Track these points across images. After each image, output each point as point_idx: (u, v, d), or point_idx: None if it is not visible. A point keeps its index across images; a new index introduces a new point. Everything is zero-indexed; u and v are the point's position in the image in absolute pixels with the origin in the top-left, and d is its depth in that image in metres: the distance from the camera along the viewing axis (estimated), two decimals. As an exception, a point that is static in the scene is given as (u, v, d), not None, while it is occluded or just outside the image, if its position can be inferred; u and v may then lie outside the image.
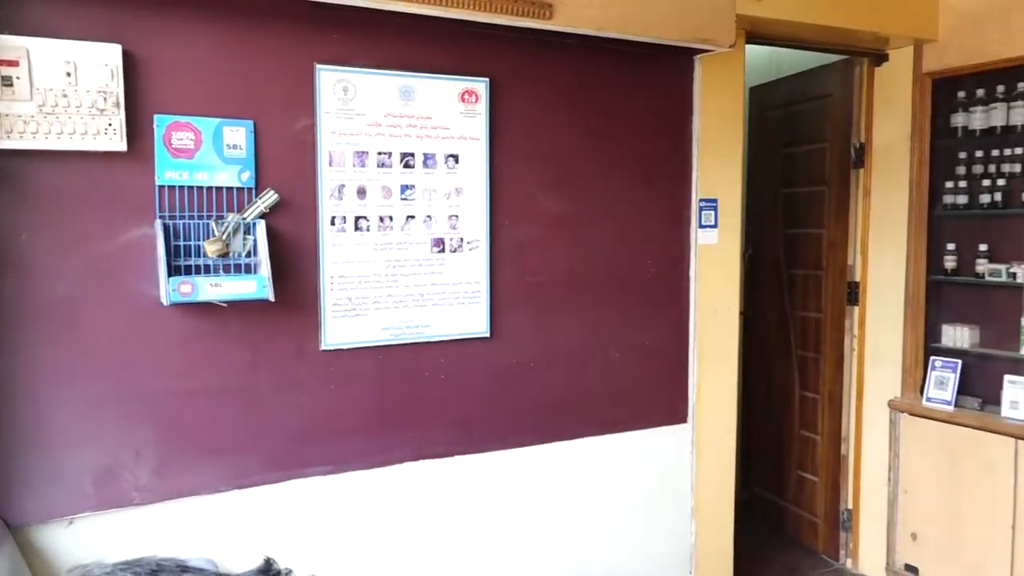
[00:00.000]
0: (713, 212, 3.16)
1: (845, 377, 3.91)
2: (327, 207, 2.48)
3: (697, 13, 2.77)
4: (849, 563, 3.95)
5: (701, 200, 3.13)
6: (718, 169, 3.17)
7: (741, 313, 4.57)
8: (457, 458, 2.75)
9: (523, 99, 2.78)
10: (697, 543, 3.24)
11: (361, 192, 2.52)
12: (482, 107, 2.68)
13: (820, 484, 4.07)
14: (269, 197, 2.37)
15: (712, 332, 3.21)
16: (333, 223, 2.49)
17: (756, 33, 3.28)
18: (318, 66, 2.44)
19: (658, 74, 3.03)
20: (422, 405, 2.67)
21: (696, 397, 3.19)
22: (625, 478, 3.06)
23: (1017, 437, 3.14)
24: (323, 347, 2.49)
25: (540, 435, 2.89)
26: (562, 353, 2.91)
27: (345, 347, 2.53)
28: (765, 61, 4.49)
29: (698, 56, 3.05)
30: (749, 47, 3.38)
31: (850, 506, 3.92)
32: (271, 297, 2.30)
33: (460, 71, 2.65)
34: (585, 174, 2.92)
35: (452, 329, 2.70)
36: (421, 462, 2.68)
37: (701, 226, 3.13)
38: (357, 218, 2.52)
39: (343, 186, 2.49)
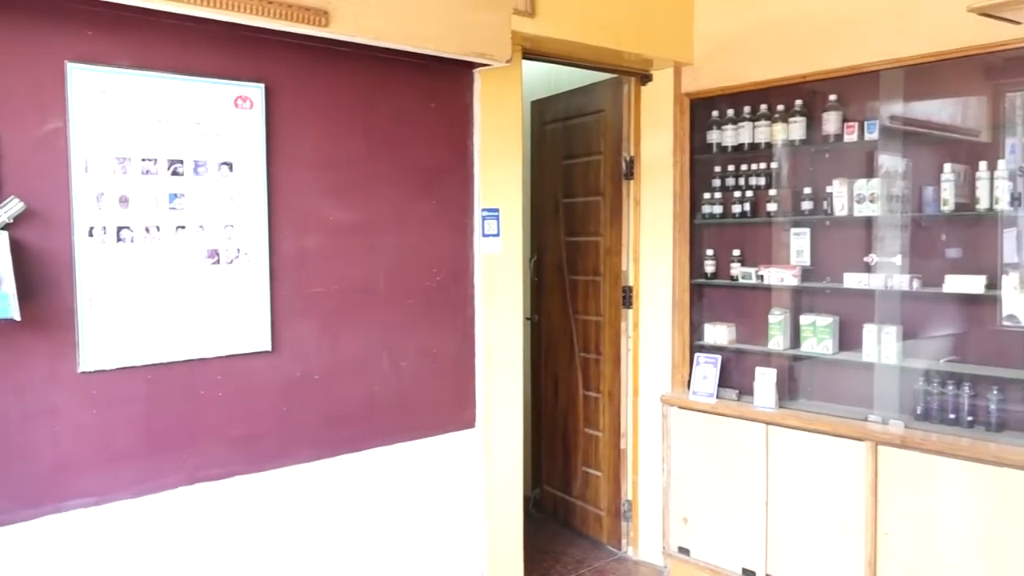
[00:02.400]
0: (496, 221, 3.25)
1: (623, 376, 4.17)
2: (83, 217, 2.28)
3: (474, 29, 2.85)
4: (631, 550, 4.20)
5: (484, 210, 3.21)
6: (499, 179, 3.27)
7: (528, 318, 4.76)
8: (238, 479, 2.63)
9: (304, 106, 2.72)
10: (489, 544, 3.31)
11: (123, 200, 2.35)
12: (258, 113, 2.59)
13: (603, 478, 4.30)
14: (13, 206, 2.15)
15: (498, 338, 3.30)
16: (91, 234, 2.30)
17: (533, 50, 3.43)
18: (70, 65, 2.24)
19: (440, 86, 3.08)
20: (198, 426, 2.53)
21: (484, 402, 3.26)
22: (416, 485, 3.07)
23: (767, 423, 3.49)
24: (81, 369, 2.29)
25: (328, 448, 2.84)
26: (349, 364, 2.87)
27: (108, 368, 2.34)
28: (545, 76, 4.70)
29: (477, 70, 3.13)
30: (528, 63, 3.52)
31: (630, 497, 4.18)
32: (16, 316, 2.08)
33: (233, 75, 2.55)
34: (370, 183, 2.91)
35: (230, 344, 2.58)
36: (197, 486, 2.54)
37: (484, 235, 3.21)
38: (119, 228, 2.35)
39: (102, 194, 2.31)
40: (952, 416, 3.11)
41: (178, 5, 2.21)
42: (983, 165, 3.02)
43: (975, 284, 3.04)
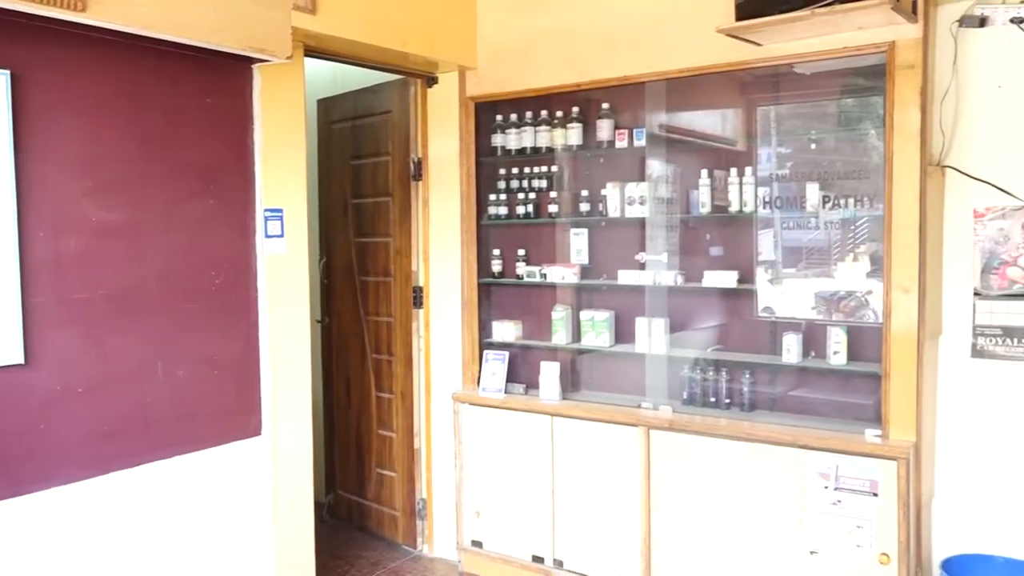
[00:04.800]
0: (279, 222, 3.16)
1: (415, 376, 4.19)
2: None
3: (252, 22, 2.75)
4: (426, 548, 4.24)
5: (266, 210, 3.11)
6: (283, 179, 3.17)
7: (318, 321, 4.66)
8: (-13, 507, 2.37)
9: (63, 99, 2.50)
10: (278, 555, 3.21)
11: None
12: (1, 103, 2.35)
13: (398, 478, 4.30)
14: None
15: (284, 342, 3.21)
16: None
17: (316, 48, 3.36)
18: None
19: (217, 81, 2.94)
20: (-65, 451, 2.26)
21: (271, 408, 3.16)
22: (200, 499, 2.92)
23: (552, 415, 3.66)
24: None
25: (97, 466, 2.62)
26: (119, 375, 2.68)
27: None
28: (331, 75, 4.62)
29: (257, 66, 3.03)
30: (313, 61, 3.46)
31: (425, 496, 4.22)
32: None
33: (-29, 60, 2.29)
34: (140, 182, 2.72)
35: (-27, 358, 2.32)
36: (-64, 519, 2.27)
37: (267, 236, 3.11)
38: None
39: None
40: (713, 400, 3.42)
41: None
42: (734, 172, 3.35)
43: (729, 279, 3.37)
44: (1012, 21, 2.85)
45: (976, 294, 3.00)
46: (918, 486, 2.90)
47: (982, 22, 2.90)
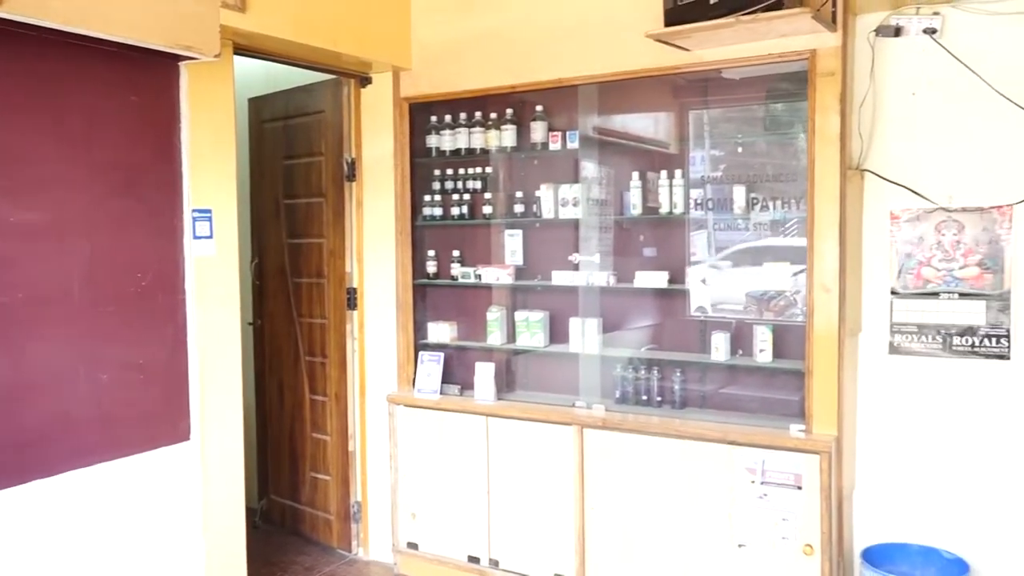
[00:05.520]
0: (208, 222, 3.10)
1: (349, 378, 4.16)
2: None
3: (178, 19, 2.69)
4: (361, 552, 4.21)
5: (194, 211, 3.05)
6: (212, 179, 3.11)
7: (250, 323, 4.59)
8: None
9: (-29, 93, 2.41)
10: (208, 563, 3.15)
11: None
12: (-89, 99, 2.26)
13: (332, 482, 4.26)
14: None
15: (214, 345, 3.15)
16: None
17: (246, 46, 3.31)
18: None
19: (143, 78, 2.86)
20: None
21: (200, 413, 3.09)
22: (126, 507, 2.84)
23: (487, 415, 3.67)
24: None
25: (12, 476, 2.53)
26: (37, 381, 2.58)
27: None
28: (263, 73, 4.55)
29: (184, 63, 2.97)
30: (244, 59, 3.40)
31: (360, 499, 4.18)
32: None
33: None
34: (60, 182, 2.63)
35: None
36: None
37: (196, 237, 3.05)
38: None
39: None
40: (645, 398, 3.48)
41: None
42: (664, 174, 3.41)
43: (660, 279, 3.44)
44: (924, 32, 2.97)
45: (893, 293, 3.13)
46: (839, 479, 3.00)
47: (897, 32, 3.02)
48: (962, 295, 3.01)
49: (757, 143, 3.37)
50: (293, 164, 4.37)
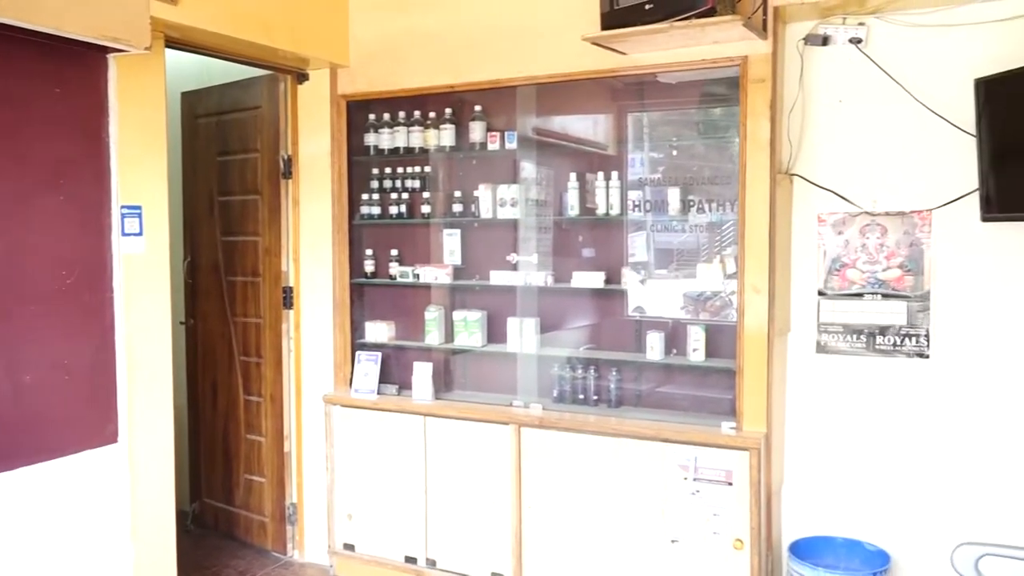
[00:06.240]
0: (138, 219, 3.02)
1: (285, 378, 4.10)
2: None
3: (105, 10, 2.61)
4: (297, 554, 4.16)
5: (123, 207, 2.97)
6: (142, 175, 3.04)
7: (182, 323, 4.49)
8: None
9: None
10: (137, 568, 3.07)
11: None
12: None
13: (267, 484, 4.19)
14: None
15: (144, 345, 3.07)
16: None
17: (180, 39, 3.24)
18: None
19: (69, 70, 2.78)
20: None
21: (128, 415, 3.02)
22: (50, 512, 2.75)
23: (425, 415, 3.66)
24: None
25: (-72, 482, 2.44)
26: (-46, 383, 2.50)
27: None
28: (198, 68, 4.46)
29: (113, 55, 2.89)
30: (179, 53, 3.33)
31: (295, 500, 4.13)
32: None
33: None
34: (-20, 175, 2.55)
35: None
36: None
37: (124, 234, 2.97)
38: None
39: None
40: (582, 397, 3.52)
41: None
42: (601, 175, 3.45)
43: (596, 280, 3.48)
44: (850, 41, 3.07)
45: (821, 294, 3.22)
46: (768, 475, 3.08)
47: (824, 41, 3.11)
48: (885, 296, 3.12)
49: (694, 146, 3.44)
50: (228, 160, 4.29)
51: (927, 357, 3.06)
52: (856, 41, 3.06)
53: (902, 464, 3.13)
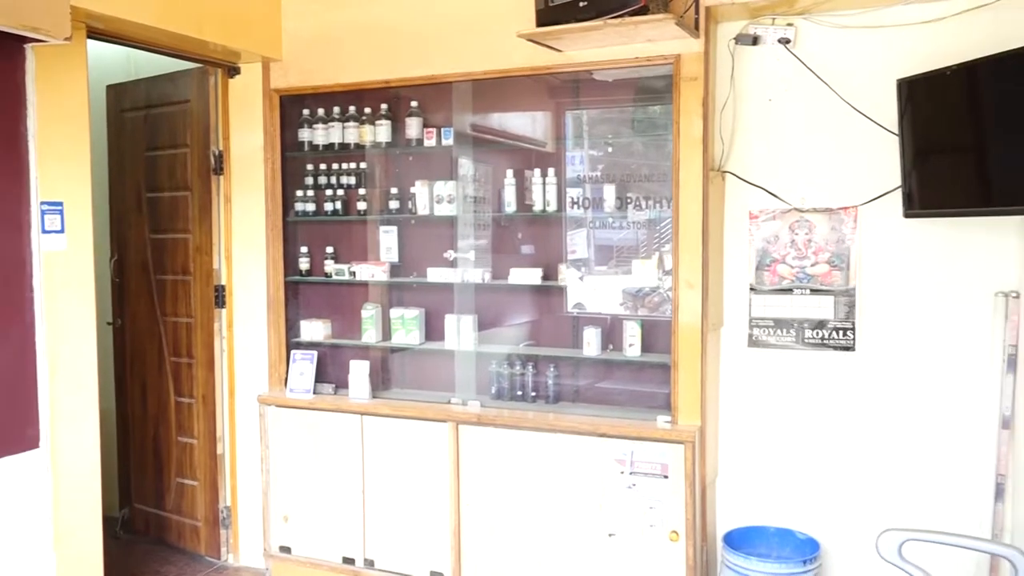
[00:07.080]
0: (59, 216, 2.92)
1: (217, 378, 4.01)
2: None
3: (22, -2, 2.52)
4: (231, 558, 4.07)
5: (43, 203, 2.86)
6: (63, 170, 2.93)
7: (109, 323, 4.36)
8: None
9: None
10: (60, 577, 2.97)
11: None
12: None
13: (200, 487, 4.09)
14: None
15: (66, 346, 2.96)
16: None
17: (102, 30, 3.14)
18: None
19: (-17, 60, 2.68)
20: None
21: (50, 419, 2.91)
22: (-38, 524, 2.65)
23: (362, 414, 3.62)
24: None
25: None
26: None
27: None
28: (124, 60, 4.33)
29: (30, 46, 2.78)
30: (103, 44, 3.22)
31: (229, 503, 4.04)
32: None
33: None
34: None
35: None
36: None
37: (45, 231, 2.87)
38: None
39: None
40: (520, 393, 3.53)
41: None
42: (537, 172, 3.46)
43: (533, 276, 3.49)
44: (779, 41, 3.14)
45: (752, 289, 3.29)
46: (703, 467, 3.13)
47: (755, 41, 3.17)
48: (813, 291, 3.19)
49: (632, 144, 3.46)
50: (156, 156, 4.17)
51: (853, 350, 3.15)
52: (785, 41, 3.13)
53: (830, 455, 3.22)
